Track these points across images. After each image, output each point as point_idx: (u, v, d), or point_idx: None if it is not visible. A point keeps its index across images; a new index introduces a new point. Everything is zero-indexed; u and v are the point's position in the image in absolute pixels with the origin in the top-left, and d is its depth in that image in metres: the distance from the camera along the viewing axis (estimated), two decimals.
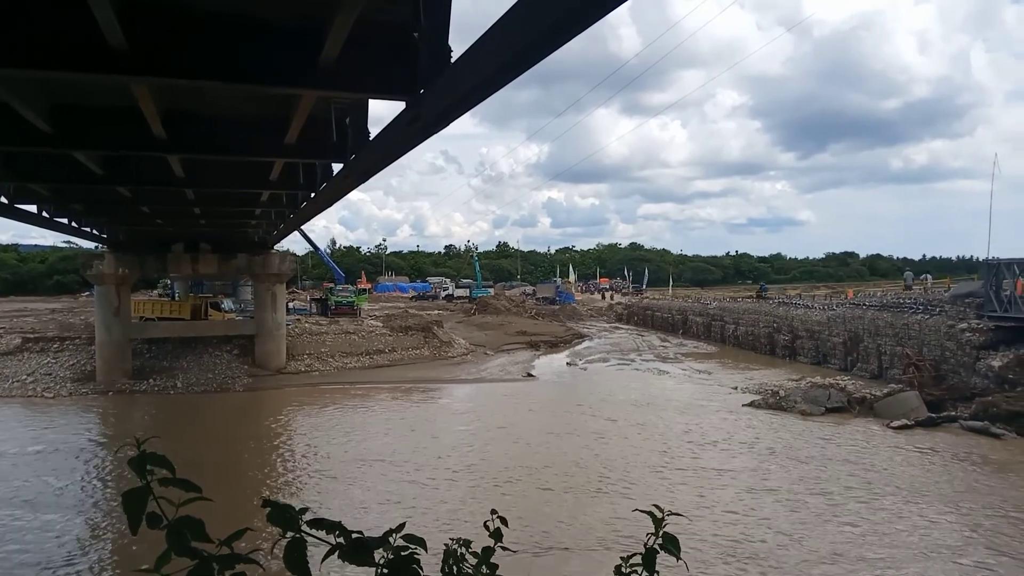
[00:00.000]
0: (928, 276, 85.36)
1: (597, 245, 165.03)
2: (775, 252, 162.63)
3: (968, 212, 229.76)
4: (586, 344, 53.64)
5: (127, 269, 36.38)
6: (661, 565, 2.02)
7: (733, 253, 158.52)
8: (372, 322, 47.39)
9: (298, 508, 1.64)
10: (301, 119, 9.42)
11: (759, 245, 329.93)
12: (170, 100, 9.84)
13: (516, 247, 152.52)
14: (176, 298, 52.51)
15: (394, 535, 1.79)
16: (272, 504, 1.64)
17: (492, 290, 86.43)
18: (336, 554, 1.65)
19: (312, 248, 66.02)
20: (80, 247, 67.20)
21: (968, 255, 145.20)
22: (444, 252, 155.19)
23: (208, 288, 55.99)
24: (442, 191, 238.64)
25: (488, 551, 2.12)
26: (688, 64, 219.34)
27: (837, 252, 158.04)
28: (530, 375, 38.56)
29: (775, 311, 47.57)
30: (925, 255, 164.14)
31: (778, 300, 55.80)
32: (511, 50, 4.72)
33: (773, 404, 28.42)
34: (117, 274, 35.88)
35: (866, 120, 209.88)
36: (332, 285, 59.89)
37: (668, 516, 2.06)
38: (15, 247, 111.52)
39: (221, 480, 18.49)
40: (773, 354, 44.46)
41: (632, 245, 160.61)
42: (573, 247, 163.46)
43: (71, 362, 36.66)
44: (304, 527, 1.63)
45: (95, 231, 32.17)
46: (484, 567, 2.08)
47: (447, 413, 30.02)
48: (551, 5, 4.09)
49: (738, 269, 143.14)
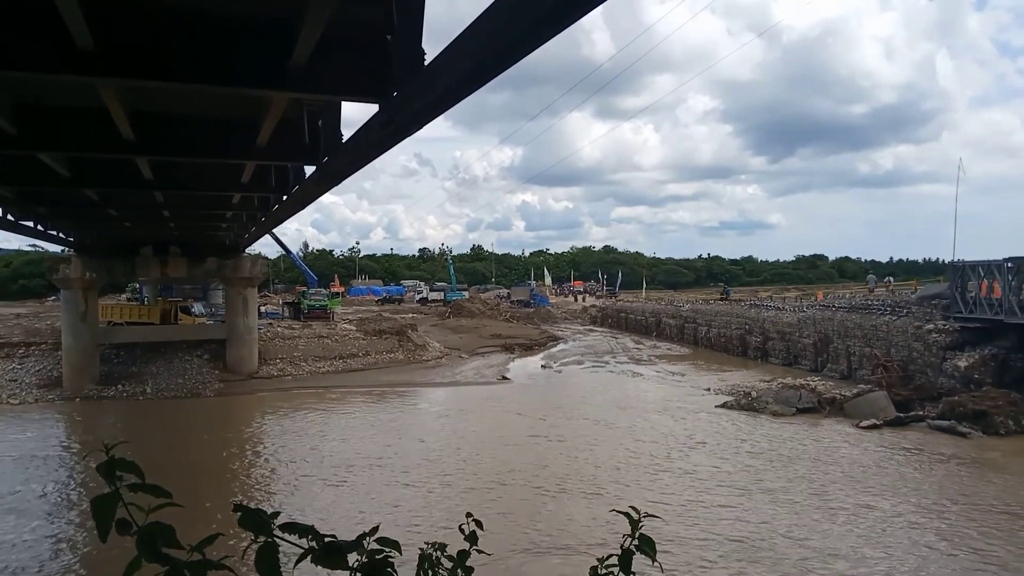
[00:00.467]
0: (890, 279, 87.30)
1: (571, 248, 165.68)
2: (746, 255, 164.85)
3: (934, 215, 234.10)
4: (561, 347, 53.76)
5: (94, 273, 35.81)
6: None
7: (705, 256, 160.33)
8: (345, 326, 47.10)
9: (270, 512, 1.63)
10: (273, 121, 9.33)
11: (731, 248, 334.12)
12: (139, 101, 9.70)
13: (490, 250, 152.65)
14: (145, 302, 51.71)
15: (368, 538, 1.78)
16: (243, 508, 1.62)
17: (467, 293, 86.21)
18: (309, 558, 1.64)
19: (284, 251, 65.55)
20: (46, 251, 66.02)
21: (934, 257, 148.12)
22: (418, 255, 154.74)
23: (178, 292, 55.21)
24: (416, 194, 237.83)
25: (464, 554, 2.11)
26: (661, 68, 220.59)
27: (807, 255, 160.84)
28: (505, 378, 38.53)
29: (747, 313, 48.08)
30: (892, 257, 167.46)
31: (739, 301, 56.37)
32: (485, 53, 4.74)
33: (745, 405, 28.70)
34: (84, 278, 35.29)
35: (834, 125, 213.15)
36: (305, 289, 59.39)
37: (644, 518, 2.07)
38: None
39: (192, 486, 18.22)
40: (745, 356, 44.90)
41: (606, 248, 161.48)
42: (547, 250, 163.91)
43: (37, 368, 35.96)
44: (276, 531, 1.61)
45: (62, 234, 31.60)
46: (459, 570, 2.07)
47: (422, 417, 29.89)
48: (524, 9, 4.10)
49: (710, 272, 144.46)
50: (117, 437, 2.10)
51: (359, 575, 1.72)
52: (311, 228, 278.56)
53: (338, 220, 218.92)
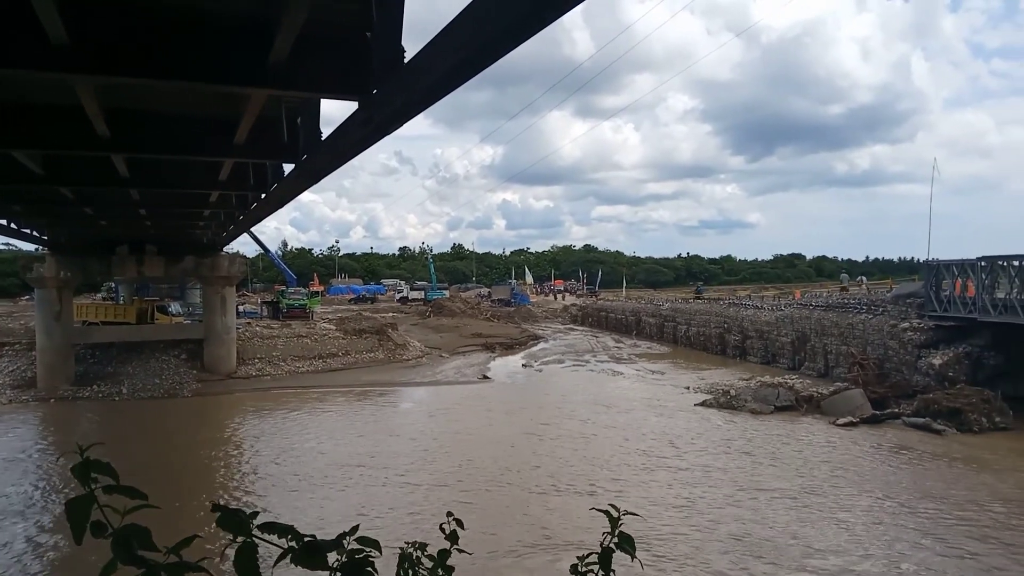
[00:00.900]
0: (863, 278, 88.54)
1: (552, 247, 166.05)
2: (725, 254, 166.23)
3: (909, 215, 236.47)
4: (541, 345, 53.84)
5: (69, 272, 35.35)
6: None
7: (685, 255, 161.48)
8: (325, 325, 46.84)
9: (249, 512, 1.61)
10: (251, 118, 9.25)
11: (710, 247, 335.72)
12: (115, 98, 9.58)
13: (471, 249, 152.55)
14: (121, 302, 51.08)
15: (348, 538, 1.76)
16: (222, 509, 1.60)
17: (447, 292, 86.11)
18: (288, 558, 1.62)
19: (263, 250, 64.93)
20: (20, 249, 64.90)
21: (909, 256, 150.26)
22: (398, 254, 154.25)
23: (155, 291, 54.57)
24: (396, 192, 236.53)
25: (444, 553, 2.10)
26: (640, 68, 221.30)
27: (785, 254, 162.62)
28: (486, 377, 38.52)
29: (726, 312, 48.43)
30: (868, 256, 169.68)
31: (717, 300, 56.72)
32: (466, 50, 4.72)
33: (724, 403, 28.91)
34: (59, 277, 34.83)
35: (812, 125, 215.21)
36: (284, 288, 58.99)
37: (624, 515, 2.08)
38: None
39: (169, 487, 18.03)
40: (724, 354, 45.22)
41: (586, 247, 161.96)
42: (528, 249, 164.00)
43: (10, 368, 35.46)
44: (255, 531, 1.59)
45: (36, 233, 31.16)
46: (440, 570, 2.06)
47: (403, 417, 29.82)
48: (503, 8, 4.09)
49: (690, 271, 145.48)
50: (92, 438, 2.06)
51: (339, 575, 1.70)
52: (290, 226, 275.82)
53: (317, 218, 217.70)
